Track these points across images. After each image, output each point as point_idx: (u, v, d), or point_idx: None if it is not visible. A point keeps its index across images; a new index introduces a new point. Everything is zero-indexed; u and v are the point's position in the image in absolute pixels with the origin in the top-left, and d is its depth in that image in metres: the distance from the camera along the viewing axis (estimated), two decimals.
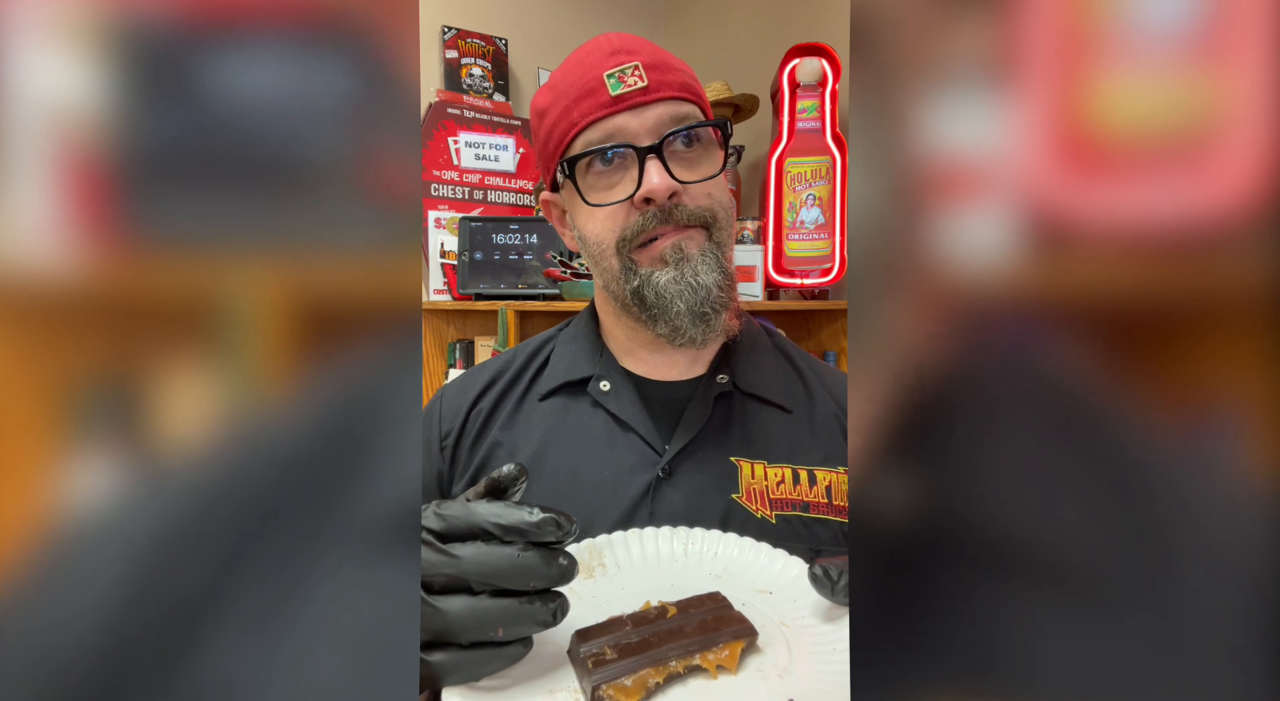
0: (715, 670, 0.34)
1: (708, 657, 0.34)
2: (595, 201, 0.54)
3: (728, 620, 0.36)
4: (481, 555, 0.33)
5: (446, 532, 0.34)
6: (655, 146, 0.51)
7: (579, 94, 0.53)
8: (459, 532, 0.33)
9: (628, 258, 0.54)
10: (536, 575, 0.33)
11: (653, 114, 0.52)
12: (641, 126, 0.52)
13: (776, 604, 0.41)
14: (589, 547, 0.47)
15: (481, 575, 0.32)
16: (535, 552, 0.33)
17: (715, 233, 0.55)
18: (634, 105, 0.52)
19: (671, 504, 0.54)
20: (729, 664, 0.35)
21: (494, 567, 0.32)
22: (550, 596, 0.34)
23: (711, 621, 0.36)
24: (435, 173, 1.85)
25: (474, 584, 0.33)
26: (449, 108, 1.87)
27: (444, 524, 0.34)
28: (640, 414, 0.58)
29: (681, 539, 0.48)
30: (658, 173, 0.51)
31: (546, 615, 0.33)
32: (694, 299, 0.53)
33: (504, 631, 0.33)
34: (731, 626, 0.36)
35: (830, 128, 1.61)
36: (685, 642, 0.34)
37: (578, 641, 0.35)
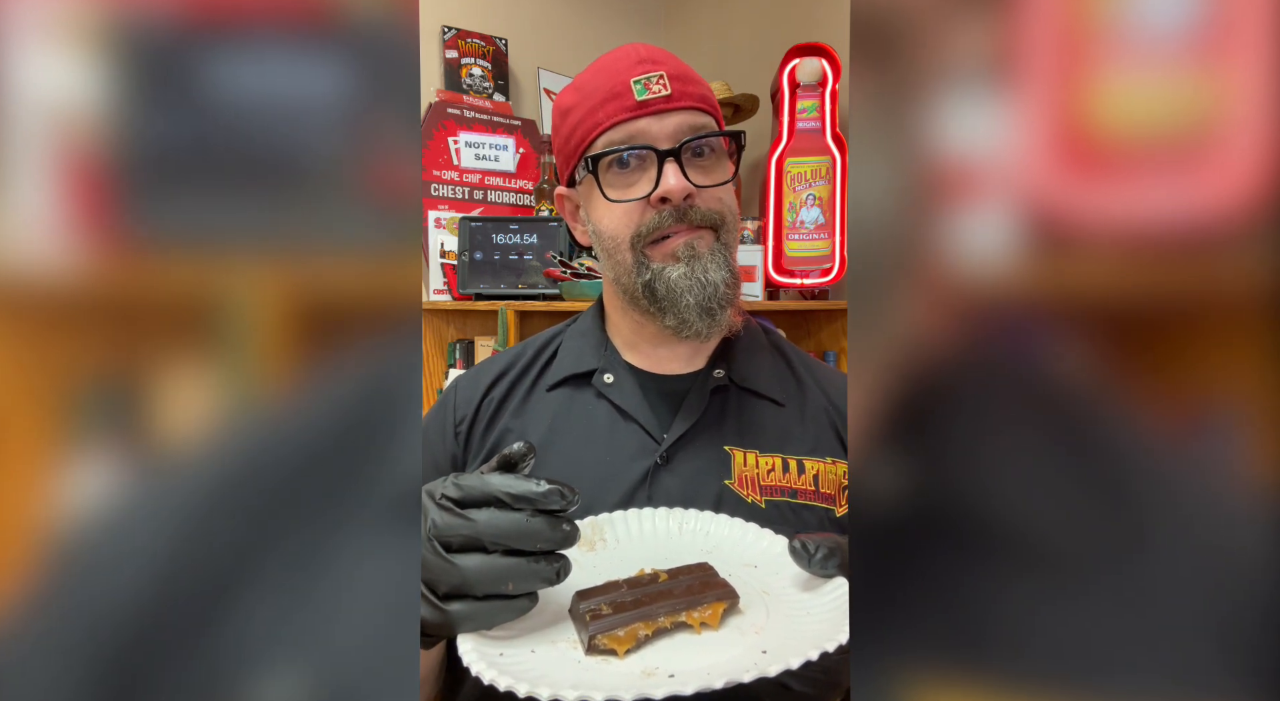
0: (699, 626, 0.39)
1: (693, 615, 0.38)
2: (614, 198, 0.57)
3: (713, 585, 0.40)
4: (494, 519, 0.37)
5: (463, 500, 0.38)
6: (674, 150, 0.55)
7: (605, 97, 0.57)
8: (474, 500, 0.38)
9: (641, 252, 0.58)
10: (543, 538, 0.37)
11: (673, 121, 0.56)
12: (662, 131, 0.56)
13: (760, 575, 0.45)
14: (591, 524, 0.51)
15: (494, 536, 0.37)
16: (542, 519, 0.37)
17: (723, 234, 0.58)
18: (657, 111, 0.56)
19: (668, 488, 0.57)
20: (711, 621, 0.39)
21: (505, 530, 0.37)
22: (555, 558, 0.38)
23: (698, 585, 0.40)
24: (435, 173, 1.85)
25: (487, 544, 0.37)
26: (449, 108, 1.87)
27: (461, 492, 0.38)
28: (641, 404, 0.62)
29: (676, 518, 0.52)
30: (675, 175, 0.55)
31: (551, 573, 0.38)
32: (703, 294, 0.56)
33: (514, 585, 0.37)
34: (716, 590, 0.40)
35: (830, 128, 1.60)
36: (673, 602, 0.38)
37: (577, 600, 0.39)
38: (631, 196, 0.57)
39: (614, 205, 0.58)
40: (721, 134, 0.58)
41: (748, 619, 0.40)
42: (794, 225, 1.64)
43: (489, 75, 1.97)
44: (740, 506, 0.57)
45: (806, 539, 0.41)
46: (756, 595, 0.42)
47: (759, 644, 0.37)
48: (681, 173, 0.55)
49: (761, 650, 0.36)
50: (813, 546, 0.41)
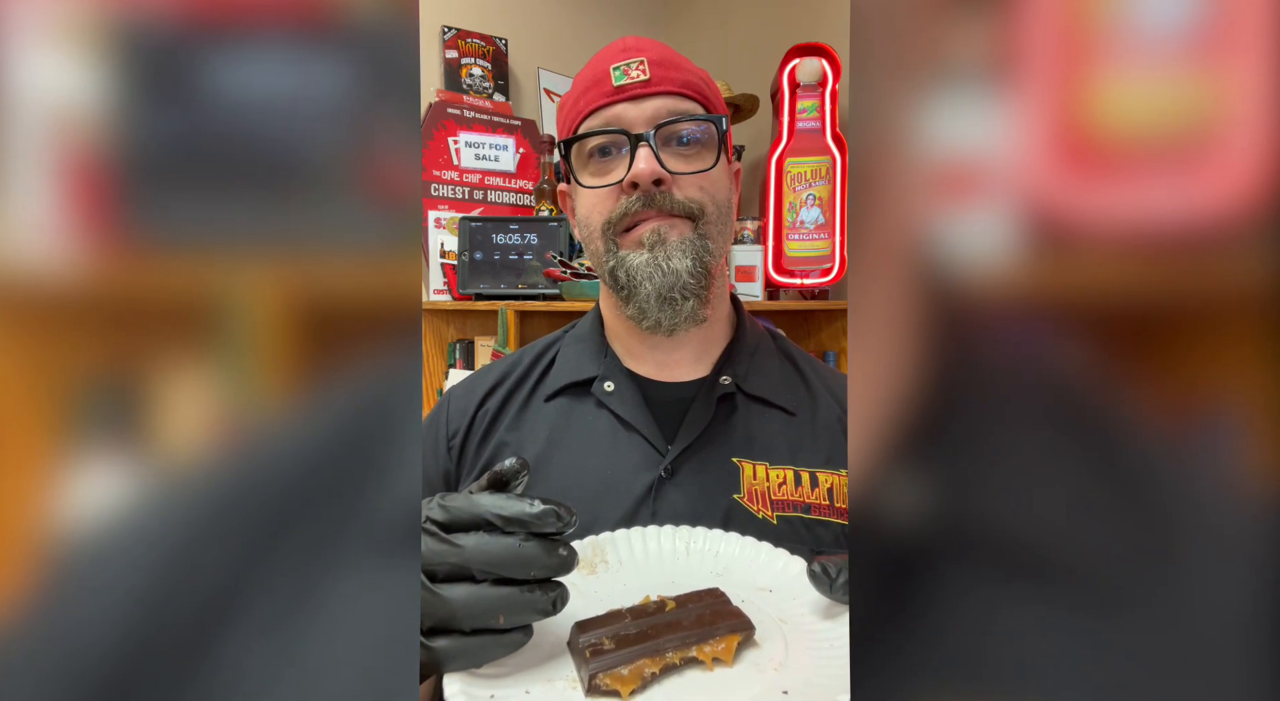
0: (711, 662, 0.35)
1: (704, 650, 0.35)
2: (588, 184, 0.57)
3: (725, 614, 0.36)
4: (484, 545, 0.33)
5: (450, 523, 0.34)
6: (647, 135, 0.53)
7: (587, 85, 0.56)
8: (462, 523, 0.34)
9: (611, 239, 0.56)
10: (537, 564, 0.33)
11: (650, 105, 0.54)
12: (639, 116, 0.54)
13: (776, 601, 0.41)
14: (592, 544, 0.47)
15: (483, 564, 0.33)
16: (536, 543, 0.34)
17: (702, 225, 0.56)
18: (634, 96, 0.54)
19: (674, 503, 0.54)
20: (725, 656, 0.35)
21: (496, 556, 0.33)
22: (550, 586, 0.34)
23: (709, 615, 0.36)
24: (435, 173, 1.85)
25: (476, 572, 0.33)
26: (449, 108, 1.87)
27: (447, 515, 0.34)
28: (643, 414, 0.59)
29: (684, 537, 0.48)
30: (645, 159, 0.53)
31: (546, 603, 0.34)
32: (662, 283, 0.54)
33: (505, 618, 0.33)
34: (729, 620, 0.36)
35: (830, 128, 1.60)
36: (682, 635, 0.35)
37: (577, 632, 0.35)
38: (604, 182, 0.55)
39: (590, 192, 0.57)
40: (699, 119, 0.56)
41: (765, 653, 0.36)
42: (794, 225, 1.64)
43: (489, 75, 1.97)
44: (750, 522, 0.54)
45: (827, 561, 0.38)
46: (773, 624, 0.38)
47: (779, 682, 0.33)
48: (655, 156, 0.53)
49: (782, 690, 0.33)
50: (834, 570, 0.37)
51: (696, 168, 0.55)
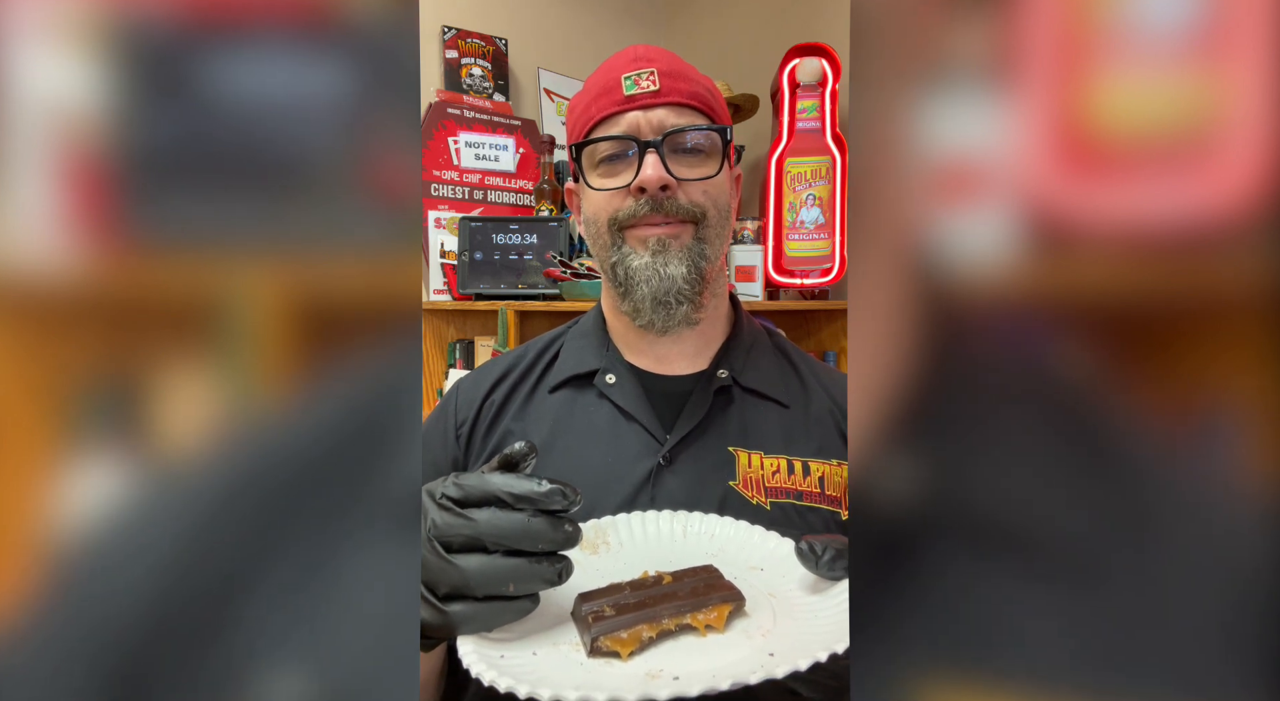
0: (704, 628, 0.38)
1: (698, 617, 0.38)
2: (597, 186, 0.60)
3: (718, 587, 0.40)
4: (495, 519, 0.37)
5: (464, 500, 0.37)
6: (655, 142, 0.57)
7: (599, 92, 0.59)
8: (475, 499, 0.37)
9: (617, 233, 0.60)
10: (544, 538, 0.37)
11: (659, 114, 0.58)
12: (648, 124, 0.58)
13: (766, 578, 0.44)
14: (594, 527, 0.50)
15: (495, 536, 0.37)
16: (544, 519, 0.37)
17: (702, 229, 0.59)
18: (643, 105, 0.58)
19: (672, 490, 0.57)
20: (717, 623, 0.38)
21: (506, 530, 0.36)
22: (556, 558, 0.38)
23: (703, 587, 0.39)
24: (435, 173, 1.85)
25: (488, 544, 0.37)
26: (449, 108, 1.87)
27: (462, 492, 0.38)
28: (643, 405, 0.62)
29: (681, 521, 0.51)
30: (653, 165, 0.56)
31: (553, 574, 0.37)
32: (659, 287, 0.57)
33: (515, 586, 0.37)
34: (721, 591, 0.39)
35: (830, 128, 1.60)
36: (678, 604, 0.38)
37: (580, 602, 0.39)
38: (612, 185, 0.59)
39: (598, 193, 0.60)
40: (706, 128, 0.59)
41: (754, 621, 0.39)
42: (794, 225, 1.64)
43: (489, 75, 1.97)
44: (745, 508, 0.56)
45: (814, 540, 0.41)
46: (763, 597, 0.42)
47: (765, 646, 0.36)
48: (662, 163, 0.56)
49: (768, 652, 0.35)
50: (820, 548, 0.40)
51: (701, 174, 0.58)
